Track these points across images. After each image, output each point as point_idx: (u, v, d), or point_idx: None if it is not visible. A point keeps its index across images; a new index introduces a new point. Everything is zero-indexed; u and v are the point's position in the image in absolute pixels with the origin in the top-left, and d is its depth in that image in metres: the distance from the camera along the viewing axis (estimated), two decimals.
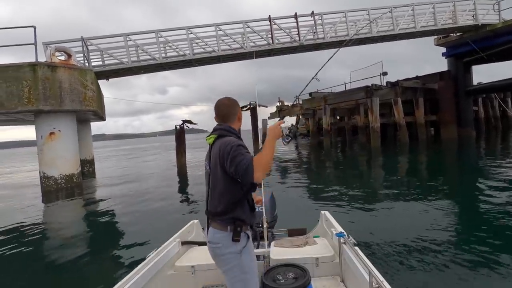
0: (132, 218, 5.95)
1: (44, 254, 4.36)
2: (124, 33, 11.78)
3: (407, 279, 2.92)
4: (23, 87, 8.47)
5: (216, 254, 1.67)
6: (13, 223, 6.14)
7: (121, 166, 18.78)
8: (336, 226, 2.68)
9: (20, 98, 8.46)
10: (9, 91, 8.44)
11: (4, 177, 17.46)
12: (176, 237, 2.72)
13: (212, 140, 1.71)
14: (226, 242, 1.61)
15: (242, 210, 1.64)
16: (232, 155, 1.52)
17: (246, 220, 1.66)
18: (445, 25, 15.56)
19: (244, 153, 1.53)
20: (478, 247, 3.53)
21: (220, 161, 1.58)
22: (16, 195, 9.77)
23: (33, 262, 4.03)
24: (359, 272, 1.94)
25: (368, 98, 17.51)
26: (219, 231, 1.63)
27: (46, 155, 9.23)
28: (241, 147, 1.57)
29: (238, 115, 1.82)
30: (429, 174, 9.57)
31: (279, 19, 13.63)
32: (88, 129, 13.53)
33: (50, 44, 10.41)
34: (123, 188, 9.50)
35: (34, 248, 4.60)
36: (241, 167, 1.48)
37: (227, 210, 1.61)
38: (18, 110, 8.52)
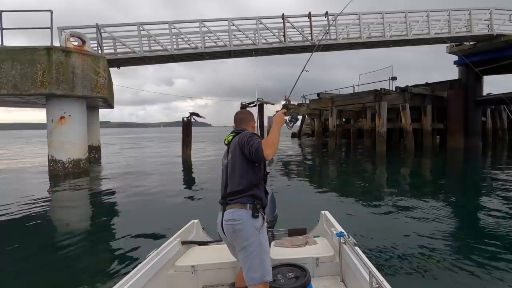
0: (133, 212, 5.86)
1: (43, 251, 4.24)
2: (138, 23, 11.84)
3: (407, 279, 2.95)
4: (37, 70, 8.57)
5: (235, 230, 1.79)
6: (17, 206, 6.19)
7: (126, 154, 18.93)
8: (336, 226, 2.69)
9: (33, 81, 8.56)
10: (23, 73, 8.55)
11: (13, 159, 17.66)
12: (176, 237, 2.72)
13: (231, 137, 2.01)
14: (246, 218, 1.78)
15: (259, 190, 1.88)
16: (247, 140, 1.83)
17: (263, 200, 1.90)
18: (459, 33, 15.41)
19: (256, 138, 1.85)
20: (478, 251, 3.57)
21: (240, 146, 1.87)
22: (24, 178, 9.91)
23: (31, 254, 3.96)
24: (359, 272, 1.95)
25: (376, 102, 17.43)
26: (239, 209, 1.81)
27: (55, 138, 9.36)
28: (255, 135, 1.91)
29: (252, 123, 2.16)
30: (433, 181, 9.55)
31: (293, 17, 13.61)
32: (97, 115, 13.66)
33: (65, 29, 10.49)
34: (127, 177, 9.54)
35: (33, 240, 4.53)
36: (254, 147, 1.78)
37: (247, 188, 1.84)
38: (31, 93, 8.63)
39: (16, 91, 8.52)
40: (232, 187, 1.89)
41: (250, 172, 1.87)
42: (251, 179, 1.86)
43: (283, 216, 3.28)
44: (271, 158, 1.80)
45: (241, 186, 1.84)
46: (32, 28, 9.35)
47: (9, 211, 5.81)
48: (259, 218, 1.81)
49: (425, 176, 10.51)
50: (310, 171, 11.91)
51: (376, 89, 18.45)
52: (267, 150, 1.73)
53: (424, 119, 18.69)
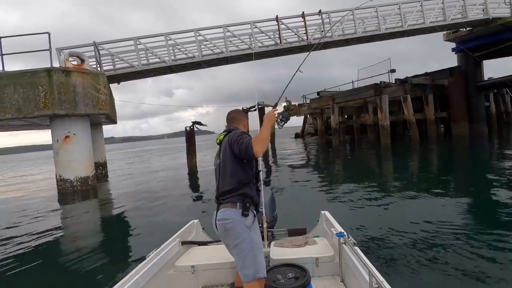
0: (138, 220, 6.00)
1: (48, 253, 4.45)
2: (134, 37, 11.96)
3: (407, 279, 2.92)
4: (39, 92, 8.68)
5: (227, 229, 1.83)
6: (27, 224, 6.32)
7: (132, 168, 19.03)
8: (336, 226, 2.67)
9: (36, 103, 8.67)
10: (25, 97, 8.66)
11: (22, 181, 17.83)
12: (176, 237, 2.72)
13: (223, 136, 2.01)
14: (236, 217, 1.81)
15: (249, 188, 1.89)
16: (237, 139, 1.84)
17: (254, 198, 1.90)
18: (454, 20, 15.35)
19: (245, 136, 1.86)
20: (481, 249, 3.48)
21: (230, 146, 1.87)
22: (34, 199, 9.99)
23: (35, 260, 4.11)
24: (359, 272, 1.94)
25: (377, 96, 17.39)
26: (229, 208, 1.84)
27: (61, 158, 9.44)
28: (244, 133, 1.90)
29: (244, 122, 2.15)
30: (438, 174, 9.36)
31: (286, 18, 13.66)
32: (101, 132, 13.75)
33: (63, 49, 10.63)
34: (134, 191, 9.59)
35: (38, 249, 4.69)
36: (243, 145, 1.78)
37: (237, 187, 1.85)
38: (35, 115, 8.73)
39: (20, 115, 8.62)
40: (223, 186, 1.92)
41: (240, 170, 1.88)
42: (241, 177, 1.88)
43: (283, 216, 3.27)
44: (261, 155, 1.82)
45: (231, 186, 1.87)
46: (32, 52, 9.49)
47: (21, 227, 5.89)
48: (249, 216, 1.84)
49: (430, 168, 10.36)
50: (312, 170, 11.85)
51: (376, 82, 18.42)
52: (256, 147, 1.75)
53: (427, 109, 18.59)
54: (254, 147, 1.75)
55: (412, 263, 3.23)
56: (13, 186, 14.72)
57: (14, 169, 31.18)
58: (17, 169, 30.71)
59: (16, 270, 3.89)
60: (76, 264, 3.78)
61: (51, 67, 8.97)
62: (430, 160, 11.79)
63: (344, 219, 3.08)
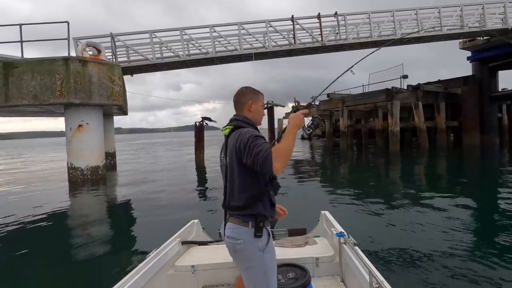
0: (143, 215, 6.02)
1: (50, 248, 4.45)
2: (150, 30, 12.06)
3: (408, 279, 2.92)
4: (56, 80, 8.82)
5: (236, 250, 1.57)
6: (35, 212, 6.43)
7: (140, 160, 19.23)
8: (336, 226, 2.67)
9: (53, 91, 8.81)
10: (42, 84, 8.81)
11: (33, 167, 18.15)
12: (176, 237, 2.71)
13: (228, 131, 1.62)
14: (248, 238, 1.53)
15: (262, 205, 1.56)
16: (250, 145, 1.43)
17: (268, 215, 1.58)
18: (472, 29, 15.12)
19: (262, 143, 1.44)
20: (482, 251, 3.51)
21: (237, 154, 1.50)
22: (45, 186, 10.17)
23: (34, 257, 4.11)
24: (359, 272, 1.93)
25: (388, 101, 17.23)
26: (240, 226, 1.55)
27: (74, 146, 9.59)
28: (259, 137, 1.48)
29: (248, 105, 1.69)
30: (445, 181, 9.28)
31: (302, 19, 13.62)
32: (111, 122, 13.92)
33: (80, 39, 10.79)
34: (141, 182, 9.70)
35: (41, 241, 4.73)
36: (259, 158, 1.39)
37: (247, 205, 1.54)
38: (51, 102, 8.88)
39: (37, 101, 8.78)
40: (231, 198, 1.61)
41: (251, 184, 1.54)
42: (253, 193, 1.54)
43: None
44: (281, 172, 1.43)
45: (240, 202, 1.56)
46: (51, 40, 9.65)
47: (31, 217, 6.01)
48: (263, 237, 1.54)
49: (438, 176, 10.23)
50: (315, 171, 11.84)
51: (388, 88, 18.27)
52: (277, 163, 1.38)
53: (438, 117, 18.38)
54: (275, 162, 1.37)
55: (413, 263, 3.24)
56: (23, 174, 15.00)
57: (25, 155, 31.72)
58: (28, 155, 31.25)
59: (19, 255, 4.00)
60: (76, 264, 3.77)
61: (69, 56, 9.10)
62: (439, 168, 11.67)
63: (344, 219, 3.09)
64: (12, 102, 8.73)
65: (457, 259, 3.30)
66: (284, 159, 1.41)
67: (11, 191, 9.20)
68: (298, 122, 1.56)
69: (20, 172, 14.95)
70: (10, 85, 8.70)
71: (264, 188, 1.56)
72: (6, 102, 8.72)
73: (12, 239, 4.91)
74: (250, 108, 1.69)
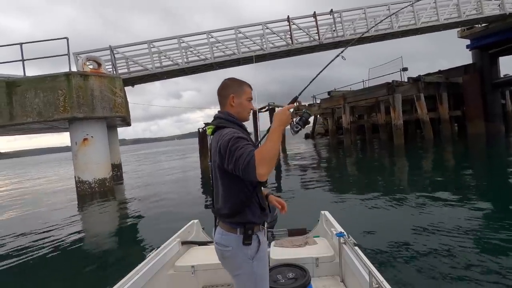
0: (150, 223, 6.07)
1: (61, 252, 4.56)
2: (148, 40, 12.16)
3: (407, 279, 2.91)
4: (58, 96, 8.91)
5: (225, 257, 1.49)
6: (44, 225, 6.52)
7: (145, 170, 19.30)
8: (336, 226, 2.67)
9: (56, 107, 8.90)
10: (46, 101, 8.91)
11: (43, 183, 18.29)
12: (176, 237, 2.72)
13: (211, 131, 1.49)
14: (236, 245, 1.44)
15: (251, 212, 1.44)
16: (230, 149, 1.29)
17: (258, 222, 1.47)
18: (469, 16, 15.06)
19: (244, 145, 1.29)
20: (482, 252, 3.43)
21: (219, 158, 1.37)
22: (55, 200, 10.25)
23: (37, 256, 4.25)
24: (359, 272, 1.93)
25: (390, 95, 17.18)
26: (228, 233, 1.46)
27: (80, 160, 9.66)
28: (241, 139, 1.32)
29: (230, 99, 1.51)
30: (451, 174, 8.99)
31: (298, 19, 13.65)
32: (115, 134, 14.01)
33: (80, 54, 10.91)
34: (148, 193, 9.67)
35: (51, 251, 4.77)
36: (240, 163, 1.25)
37: (233, 213, 1.43)
38: (55, 118, 8.96)
39: (41, 118, 8.87)
40: (217, 205, 1.51)
41: (236, 191, 1.42)
42: (238, 200, 1.42)
43: (283, 216, 3.27)
44: (266, 178, 1.28)
45: (226, 210, 1.44)
46: (51, 57, 9.76)
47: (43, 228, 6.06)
48: (253, 244, 1.44)
49: (441, 168, 9.99)
50: (318, 170, 11.73)
51: (388, 81, 18.21)
52: (262, 168, 1.22)
53: (441, 107, 18.27)
54: (259, 167, 1.22)
55: (413, 263, 3.23)
56: (33, 189, 15.12)
57: (31, 172, 32.00)
58: (33, 172, 31.52)
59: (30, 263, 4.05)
60: (76, 264, 3.85)
61: (70, 72, 9.20)
62: (444, 161, 11.50)
63: (344, 219, 3.08)
64: (17, 120, 8.83)
65: (458, 259, 3.25)
66: (269, 163, 1.24)
67: (24, 209, 9.30)
68: (284, 119, 1.37)
69: (29, 189, 15.08)
70: (14, 104, 8.80)
71: (251, 194, 1.43)
72: (11, 121, 8.82)
73: (27, 247, 4.96)
74: (232, 102, 1.51)
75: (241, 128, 1.49)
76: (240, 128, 1.48)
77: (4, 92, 8.78)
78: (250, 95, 1.57)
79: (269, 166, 1.24)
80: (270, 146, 1.26)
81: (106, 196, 9.40)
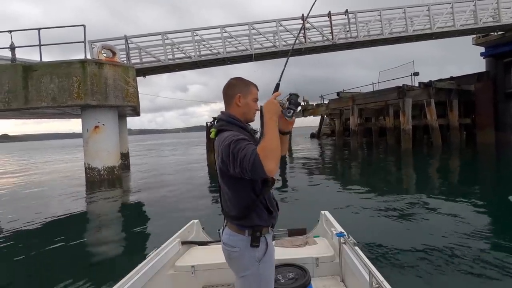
0: (156, 215, 6.12)
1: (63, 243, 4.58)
2: (162, 32, 12.24)
3: (408, 279, 2.92)
4: (73, 82, 9.05)
5: (231, 258, 1.49)
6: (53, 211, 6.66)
7: (152, 160, 19.49)
8: (336, 226, 2.67)
9: (70, 93, 9.04)
10: (60, 86, 9.05)
11: (53, 168, 18.58)
12: (176, 237, 2.72)
13: (213, 134, 1.47)
14: (244, 247, 1.43)
15: (257, 215, 1.43)
16: (233, 152, 1.27)
17: (265, 225, 1.46)
18: (486, 23, 14.85)
19: (246, 145, 1.27)
20: (483, 252, 3.46)
21: (222, 164, 1.36)
22: (64, 186, 10.44)
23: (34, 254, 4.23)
24: (359, 272, 1.93)
25: (400, 99, 17.05)
26: (236, 233, 1.45)
27: (91, 147, 9.81)
28: (240, 140, 1.30)
29: (237, 99, 1.48)
30: (453, 179, 9.06)
31: (312, 17, 13.60)
32: (125, 124, 14.16)
33: (95, 42, 11.04)
34: (154, 183, 9.82)
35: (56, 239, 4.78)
36: (246, 163, 1.23)
37: (240, 216, 1.42)
38: (68, 104, 9.11)
39: (55, 103, 9.02)
40: (225, 207, 1.52)
41: (241, 195, 1.41)
42: (244, 204, 1.41)
43: (283, 216, 3.25)
44: (276, 172, 1.26)
45: (233, 212, 1.45)
46: (68, 43, 9.91)
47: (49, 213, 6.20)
48: (260, 246, 1.43)
49: (446, 174, 9.96)
50: (320, 171, 11.74)
51: (399, 85, 18.06)
52: (268, 164, 1.21)
53: (451, 114, 18.09)
54: (265, 163, 1.20)
55: (413, 263, 3.24)
56: (43, 175, 15.38)
57: (43, 157, 32.45)
58: (45, 157, 31.97)
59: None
60: (76, 264, 3.86)
61: (85, 59, 9.32)
62: (451, 167, 11.39)
63: (344, 219, 3.08)
64: (31, 104, 8.99)
65: (458, 259, 3.28)
66: (274, 156, 1.23)
67: (33, 191, 9.49)
68: (273, 108, 1.33)
69: (39, 173, 15.35)
70: (30, 88, 8.96)
71: (257, 198, 1.41)
72: (26, 105, 8.98)
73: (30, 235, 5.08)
74: (239, 102, 1.48)
75: (242, 129, 1.45)
76: (241, 129, 1.45)
77: (21, 76, 8.94)
78: (256, 96, 1.54)
79: (275, 159, 1.23)
80: (269, 138, 1.25)
81: (114, 184, 9.55)
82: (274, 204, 1.53)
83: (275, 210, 1.51)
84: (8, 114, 10.52)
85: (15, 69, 9.01)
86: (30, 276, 3.63)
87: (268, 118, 1.30)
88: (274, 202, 1.54)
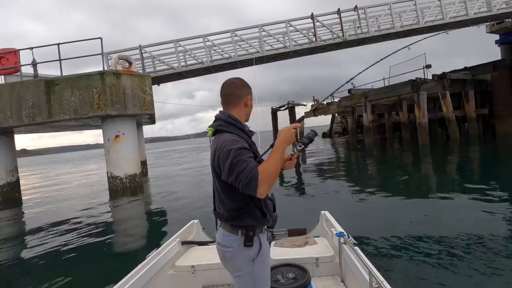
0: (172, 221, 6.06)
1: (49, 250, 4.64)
2: (174, 40, 12.45)
3: (408, 279, 2.89)
4: (93, 94, 9.29)
5: (226, 258, 1.50)
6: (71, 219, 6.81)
7: (168, 166, 19.75)
8: (336, 226, 2.66)
9: (91, 105, 9.28)
10: (81, 98, 9.31)
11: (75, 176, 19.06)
12: (176, 237, 2.73)
13: (211, 133, 1.47)
14: (237, 247, 1.44)
15: (251, 216, 1.44)
16: (232, 162, 1.27)
17: (259, 226, 1.47)
18: (500, 10, 14.51)
19: (247, 159, 1.27)
20: (483, 253, 3.38)
21: (217, 167, 1.37)
22: (89, 194, 10.70)
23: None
24: (359, 272, 1.93)
25: (414, 93, 16.79)
26: (229, 233, 1.46)
27: (112, 156, 10.03)
28: (242, 150, 1.29)
29: (246, 99, 1.51)
30: (468, 177, 8.59)
31: (321, 16, 13.58)
32: (141, 132, 14.43)
33: (110, 54, 11.32)
34: (173, 189, 9.97)
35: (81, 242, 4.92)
36: (243, 178, 1.24)
37: (234, 216, 1.43)
38: (90, 116, 9.35)
39: (77, 115, 9.28)
40: (218, 208, 1.52)
41: (235, 197, 1.40)
42: (237, 206, 1.41)
43: (283, 216, 3.23)
44: (265, 195, 1.31)
45: (227, 214, 1.45)
46: (86, 56, 10.21)
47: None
48: (254, 246, 1.44)
49: (467, 171, 9.47)
50: (322, 171, 11.57)
51: (412, 79, 17.79)
52: (263, 187, 1.24)
53: (467, 105, 17.67)
54: (261, 186, 1.23)
55: (413, 263, 3.22)
56: (67, 185, 15.79)
57: (63, 168, 33.27)
58: (65, 168, 32.78)
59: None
60: (76, 264, 3.92)
61: (104, 70, 9.56)
62: (472, 162, 10.95)
63: (344, 219, 3.06)
64: (55, 117, 9.28)
65: (458, 260, 3.22)
66: (271, 182, 1.26)
67: (61, 200, 9.76)
68: (288, 137, 1.37)
69: (64, 184, 15.77)
70: (52, 102, 9.25)
71: (251, 200, 1.40)
72: (49, 118, 9.28)
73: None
74: (247, 103, 1.52)
75: (241, 132, 1.45)
76: (241, 132, 1.44)
77: (43, 91, 9.25)
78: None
79: (270, 184, 1.26)
80: (272, 164, 1.28)
81: (135, 192, 9.71)
82: (270, 207, 1.51)
83: (270, 213, 1.49)
84: (31, 128, 10.88)
85: (37, 85, 9.33)
86: (30, 274, 3.77)
87: (280, 143, 1.34)
88: (271, 204, 1.53)
